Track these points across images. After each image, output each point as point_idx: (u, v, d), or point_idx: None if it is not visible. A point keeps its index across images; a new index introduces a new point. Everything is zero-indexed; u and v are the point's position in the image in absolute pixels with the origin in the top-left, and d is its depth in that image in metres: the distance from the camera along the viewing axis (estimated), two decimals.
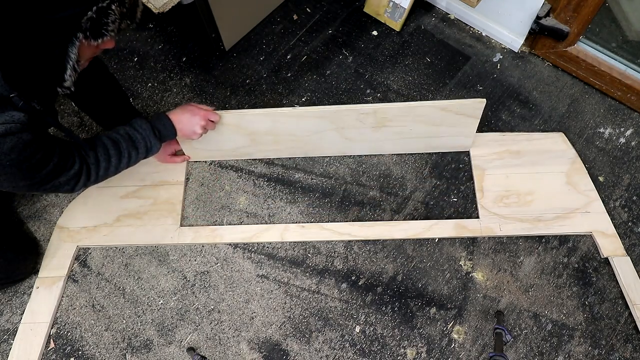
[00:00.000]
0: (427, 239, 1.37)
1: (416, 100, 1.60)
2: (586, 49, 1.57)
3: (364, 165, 1.46)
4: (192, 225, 1.39)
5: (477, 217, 1.38)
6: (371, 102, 1.59)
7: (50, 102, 1.04)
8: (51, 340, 1.26)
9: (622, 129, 1.55)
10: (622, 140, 1.53)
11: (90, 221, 1.39)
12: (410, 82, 1.64)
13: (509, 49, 1.70)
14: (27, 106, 0.85)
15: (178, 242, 1.36)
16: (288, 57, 1.70)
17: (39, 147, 0.89)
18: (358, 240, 1.37)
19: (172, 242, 1.36)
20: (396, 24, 1.73)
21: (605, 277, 1.32)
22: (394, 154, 1.48)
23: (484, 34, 1.74)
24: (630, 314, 1.26)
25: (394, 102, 1.59)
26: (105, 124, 1.37)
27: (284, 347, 1.25)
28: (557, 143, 1.50)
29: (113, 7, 0.77)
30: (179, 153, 1.45)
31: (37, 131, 0.89)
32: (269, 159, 1.49)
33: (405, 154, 1.48)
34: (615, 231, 1.35)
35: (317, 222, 1.39)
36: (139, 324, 1.28)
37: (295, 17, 1.78)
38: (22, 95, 0.84)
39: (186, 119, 1.19)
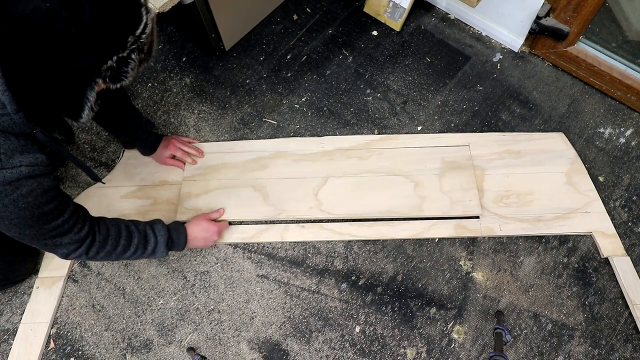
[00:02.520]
0: (427, 239, 1.37)
1: (416, 100, 1.59)
2: (586, 49, 1.57)
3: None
4: None
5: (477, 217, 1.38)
6: (371, 102, 1.59)
7: (69, 127, 1.04)
8: (51, 340, 1.26)
9: (622, 129, 1.55)
10: (622, 140, 1.53)
11: None
12: (410, 82, 1.64)
13: (509, 49, 1.71)
14: (50, 138, 0.87)
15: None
16: (288, 57, 1.70)
17: (55, 196, 0.90)
18: (358, 240, 1.37)
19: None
20: (396, 24, 1.73)
21: (605, 277, 1.32)
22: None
23: (484, 34, 1.74)
24: (630, 314, 1.26)
25: (394, 101, 1.59)
26: (106, 125, 1.36)
27: (284, 347, 1.25)
28: (557, 143, 1.50)
29: (133, 56, 0.78)
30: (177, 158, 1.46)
31: (55, 179, 0.90)
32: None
33: None
34: (615, 231, 1.36)
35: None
36: (139, 324, 1.28)
37: (295, 17, 1.78)
38: (43, 130, 0.85)
39: (200, 236, 1.26)
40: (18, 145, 0.80)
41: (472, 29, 1.75)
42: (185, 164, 1.46)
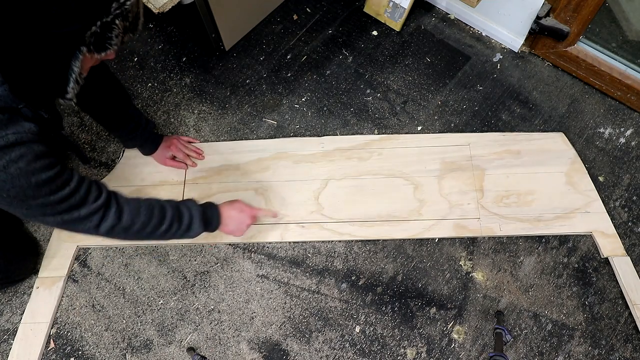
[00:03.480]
0: (427, 239, 1.37)
1: (416, 100, 1.60)
2: (586, 49, 1.57)
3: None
4: None
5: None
6: (371, 102, 1.59)
7: (56, 111, 1.02)
8: (51, 340, 1.26)
9: (622, 129, 1.55)
10: (622, 140, 1.53)
11: None
12: (410, 82, 1.64)
13: (509, 49, 1.71)
14: (36, 116, 0.85)
15: (178, 242, 1.36)
16: (288, 57, 1.70)
17: (52, 163, 0.87)
18: (358, 240, 1.37)
19: (172, 242, 1.36)
20: (396, 24, 1.73)
21: (605, 277, 1.32)
22: None
23: (484, 34, 1.74)
24: (630, 314, 1.26)
25: (394, 101, 1.59)
26: (107, 124, 1.36)
27: (284, 347, 1.25)
28: (557, 143, 1.50)
29: (117, 21, 0.77)
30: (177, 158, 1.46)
31: (49, 146, 0.87)
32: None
33: None
34: (615, 231, 1.36)
35: None
36: (139, 324, 1.28)
37: (295, 17, 1.78)
38: (29, 105, 0.84)
39: (235, 216, 1.20)
40: (3, 118, 0.79)
41: (472, 29, 1.75)
42: (186, 165, 1.46)
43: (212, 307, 1.30)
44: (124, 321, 1.28)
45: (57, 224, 0.94)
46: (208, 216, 1.15)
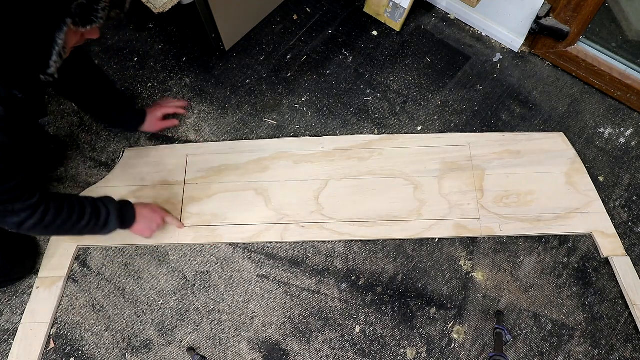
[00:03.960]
0: (427, 239, 1.37)
1: (416, 100, 1.60)
2: (586, 49, 1.57)
3: None
4: (193, 226, 1.39)
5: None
6: (371, 102, 1.59)
7: (34, 94, 1.00)
8: (51, 340, 1.26)
9: (622, 129, 1.55)
10: (622, 140, 1.53)
11: None
12: (410, 82, 1.64)
13: (509, 49, 1.70)
14: (8, 95, 0.83)
15: (178, 242, 1.36)
16: (288, 57, 1.70)
17: (10, 155, 0.87)
18: (358, 240, 1.37)
19: (172, 242, 1.36)
20: (396, 24, 1.73)
21: (605, 277, 1.32)
22: None
23: (484, 34, 1.74)
24: (630, 314, 1.26)
25: (394, 101, 1.59)
26: (95, 113, 1.38)
27: (284, 347, 1.25)
28: (557, 143, 1.50)
29: None
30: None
31: (12, 136, 0.87)
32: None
33: None
34: (615, 231, 1.36)
35: None
36: (139, 324, 1.28)
37: (295, 17, 1.78)
38: (2, 82, 0.82)
39: (146, 215, 1.25)
40: None
41: (472, 29, 1.75)
42: (178, 121, 1.50)
43: (212, 307, 1.30)
44: (124, 321, 1.28)
45: None
46: (124, 213, 1.18)
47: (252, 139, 1.53)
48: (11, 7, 0.72)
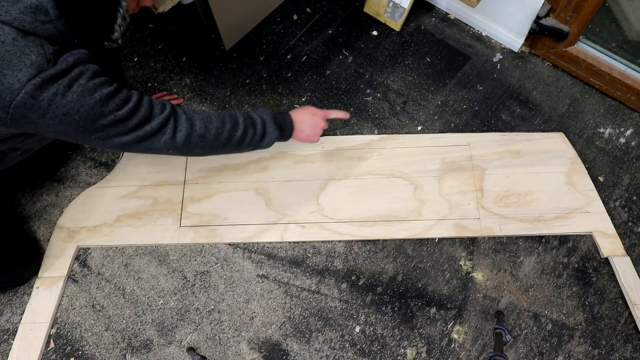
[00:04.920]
0: (427, 239, 1.37)
1: (416, 100, 1.60)
2: (586, 49, 1.57)
3: None
4: (192, 226, 1.39)
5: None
6: (371, 102, 1.59)
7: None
8: (51, 340, 1.26)
9: (622, 129, 1.55)
10: (622, 140, 1.53)
11: (90, 221, 1.39)
12: (410, 82, 1.64)
13: (509, 49, 1.71)
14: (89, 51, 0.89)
15: (178, 242, 1.36)
16: (288, 57, 1.70)
17: (108, 80, 0.89)
18: (358, 240, 1.37)
19: (172, 242, 1.36)
20: (396, 24, 1.73)
21: (605, 277, 1.32)
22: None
23: (484, 34, 1.74)
24: (630, 314, 1.26)
25: (394, 101, 1.59)
26: None
27: (284, 347, 1.25)
28: (557, 143, 1.50)
29: None
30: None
31: (105, 73, 0.90)
32: None
33: None
34: (615, 231, 1.36)
35: None
36: (139, 324, 1.28)
37: (295, 17, 1.78)
38: (82, 42, 0.88)
39: (307, 120, 1.16)
40: (61, 48, 0.83)
41: (472, 29, 1.75)
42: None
43: (212, 307, 1.30)
44: (124, 321, 1.28)
45: (135, 145, 0.93)
46: (280, 121, 1.11)
47: None
48: None
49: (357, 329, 1.27)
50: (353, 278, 1.33)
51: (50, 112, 0.82)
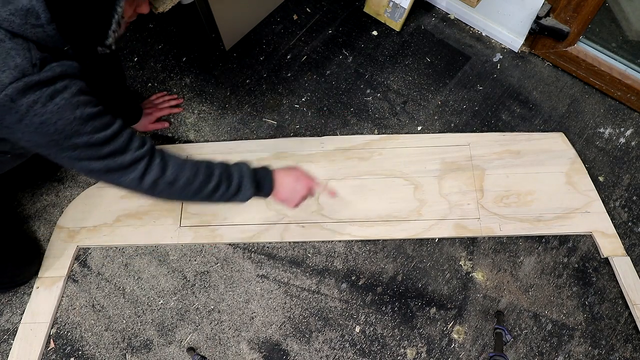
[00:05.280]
0: (427, 239, 1.37)
1: (416, 100, 1.60)
2: (586, 49, 1.57)
3: None
4: (192, 226, 1.39)
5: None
6: (371, 102, 1.59)
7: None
8: (51, 340, 1.26)
9: (622, 129, 1.55)
10: (622, 140, 1.53)
11: (90, 221, 1.39)
12: (410, 82, 1.64)
13: (509, 49, 1.70)
14: (79, 59, 0.87)
15: (178, 242, 1.36)
16: (288, 57, 1.70)
17: (93, 101, 0.87)
18: (358, 240, 1.37)
19: (172, 242, 1.36)
20: (396, 24, 1.73)
21: (605, 277, 1.32)
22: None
23: (484, 34, 1.74)
24: (630, 314, 1.26)
25: (394, 101, 1.59)
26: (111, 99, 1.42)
27: (284, 347, 1.25)
28: (557, 143, 1.50)
29: None
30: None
31: (90, 86, 0.88)
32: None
33: None
34: (615, 231, 1.36)
35: None
36: (139, 324, 1.28)
37: (295, 17, 1.78)
38: (73, 48, 0.86)
39: (288, 184, 1.09)
40: (50, 55, 0.81)
41: (472, 29, 1.75)
42: (168, 123, 1.54)
43: (212, 307, 1.30)
44: (124, 321, 1.28)
45: (103, 174, 0.90)
46: (260, 179, 1.05)
47: (252, 139, 1.53)
48: None
49: (357, 329, 1.27)
50: (353, 278, 1.33)
51: (27, 119, 0.79)
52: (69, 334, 1.27)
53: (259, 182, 1.05)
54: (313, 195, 1.14)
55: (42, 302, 1.29)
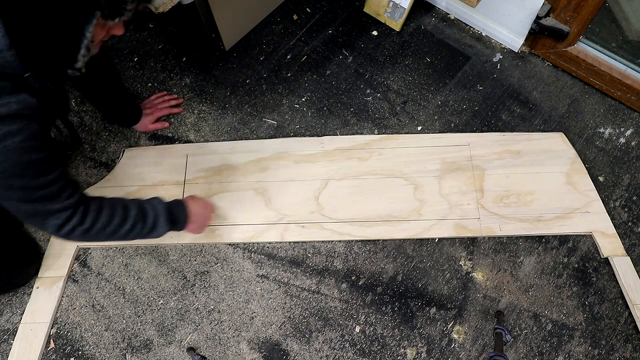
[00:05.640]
0: (427, 239, 1.37)
1: (416, 100, 1.60)
2: (586, 49, 1.57)
3: None
4: None
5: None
6: (371, 102, 1.59)
7: (64, 90, 1.01)
8: (51, 340, 1.26)
9: (622, 129, 1.55)
10: (622, 140, 1.53)
11: None
12: (410, 82, 1.64)
13: (509, 49, 1.70)
14: (42, 87, 0.84)
15: (178, 242, 1.36)
16: (288, 57, 1.70)
17: (45, 146, 0.86)
18: (358, 240, 1.37)
19: (172, 242, 1.36)
20: (396, 24, 1.73)
21: (605, 277, 1.32)
22: None
23: (484, 34, 1.74)
24: (630, 314, 1.26)
25: (394, 101, 1.59)
26: (98, 105, 1.44)
27: (284, 347, 1.25)
28: (557, 143, 1.50)
29: None
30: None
31: (45, 128, 0.86)
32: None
33: None
34: (615, 231, 1.36)
35: None
36: (139, 324, 1.28)
37: (295, 17, 1.78)
38: (36, 75, 0.83)
39: (199, 213, 1.18)
40: (7, 85, 0.78)
41: (472, 29, 1.75)
42: (168, 124, 1.54)
43: (212, 307, 1.30)
44: (124, 321, 1.28)
45: (28, 217, 0.91)
46: (175, 215, 1.12)
47: (252, 139, 1.53)
48: (43, 0, 0.72)
49: (357, 329, 1.27)
50: (353, 278, 1.33)
51: None
52: (69, 334, 1.27)
53: (174, 219, 1.12)
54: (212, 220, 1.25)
55: (42, 302, 1.29)
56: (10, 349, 1.23)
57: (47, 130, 0.90)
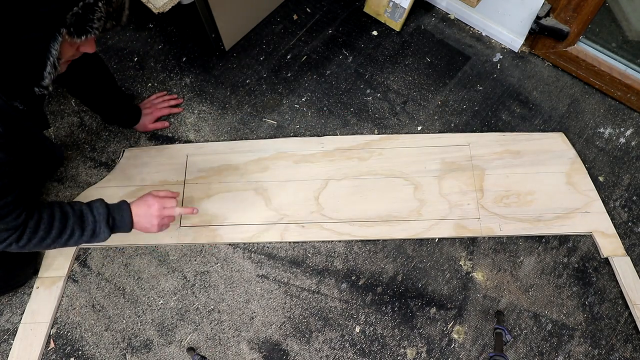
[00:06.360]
0: (427, 239, 1.37)
1: (416, 100, 1.60)
2: (586, 49, 1.57)
3: None
4: (192, 225, 1.39)
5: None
6: (371, 102, 1.59)
7: (36, 106, 0.99)
8: (51, 340, 1.26)
9: (622, 129, 1.55)
10: (622, 140, 1.53)
11: None
12: (410, 82, 1.64)
13: (509, 49, 1.70)
14: (8, 107, 0.82)
15: (178, 242, 1.36)
16: (288, 57, 1.70)
17: (7, 173, 0.85)
18: (358, 240, 1.37)
19: (172, 242, 1.36)
20: (396, 24, 1.73)
21: (605, 277, 1.32)
22: None
23: (484, 34, 1.74)
24: (630, 314, 1.26)
25: (394, 101, 1.59)
26: (95, 108, 1.44)
27: (284, 347, 1.25)
28: (557, 143, 1.50)
29: (100, 4, 0.76)
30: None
31: (11, 153, 0.85)
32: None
33: None
34: (615, 231, 1.36)
35: None
36: (139, 324, 1.28)
37: (295, 17, 1.78)
38: (3, 94, 0.81)
39: (143, 213, 1.11)
40: None
41: (472, 29, 1.75)
42: (168, 123, 1.54)
43: (212, 307, 1.30)
44: (124, 321, 1.29)
45: None
46: (116, 219, 1.09)
47: (252, 139, 1.53)
48: (5, 16, 0.71)
49: (357, 329, 1.27)
50: (353, 278, 1.33)
51: None
52: (69, 334, 1.27)
53: (115, 223, 1.08)
54: (174, 217, 1.17)
55: (42, 302, 1.29)
56: (10, 349, 1.23)
57: (13, 154, 0.87)
